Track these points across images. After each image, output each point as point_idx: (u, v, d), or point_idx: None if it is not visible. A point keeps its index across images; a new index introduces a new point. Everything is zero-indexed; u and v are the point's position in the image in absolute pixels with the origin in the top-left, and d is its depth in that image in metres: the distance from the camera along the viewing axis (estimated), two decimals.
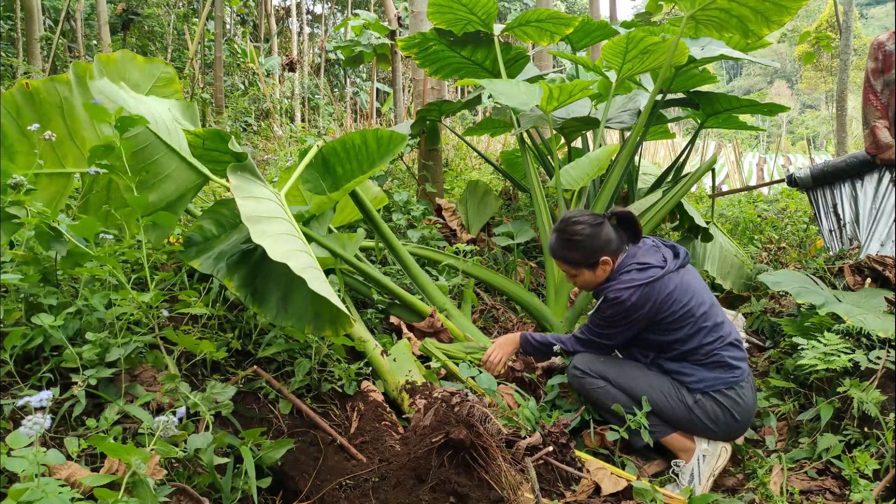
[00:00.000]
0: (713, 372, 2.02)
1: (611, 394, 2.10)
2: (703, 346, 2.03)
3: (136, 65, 2.23)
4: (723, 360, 2.02)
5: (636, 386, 2.08)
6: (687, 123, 11.57)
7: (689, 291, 2.03)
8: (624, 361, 2.18)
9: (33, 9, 7.63)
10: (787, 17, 2.93)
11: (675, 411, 2.03)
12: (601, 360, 2.16)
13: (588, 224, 2.11)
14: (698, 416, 2.01)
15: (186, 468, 1.43)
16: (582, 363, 2.16)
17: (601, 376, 2.12)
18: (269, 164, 4.99)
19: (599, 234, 2.09)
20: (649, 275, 2.02)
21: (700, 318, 2.02)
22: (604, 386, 2.11)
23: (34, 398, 1.04)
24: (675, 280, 2.03)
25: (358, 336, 2.30)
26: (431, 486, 1.53)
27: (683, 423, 2.04)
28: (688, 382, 2.03)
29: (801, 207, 4.94)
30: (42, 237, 1.55)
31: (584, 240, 2.09)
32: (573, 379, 2.19)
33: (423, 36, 3.42)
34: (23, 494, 0.98)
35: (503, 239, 3.41)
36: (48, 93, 2.07)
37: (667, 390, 2.05)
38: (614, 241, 2.12)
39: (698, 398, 2.02)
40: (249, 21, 13.42)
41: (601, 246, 2.09)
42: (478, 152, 4.39)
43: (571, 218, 2.14)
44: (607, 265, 2.11)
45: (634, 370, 2.12)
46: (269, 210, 1.58)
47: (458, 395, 1.80)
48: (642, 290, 2.00)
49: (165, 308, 1.72)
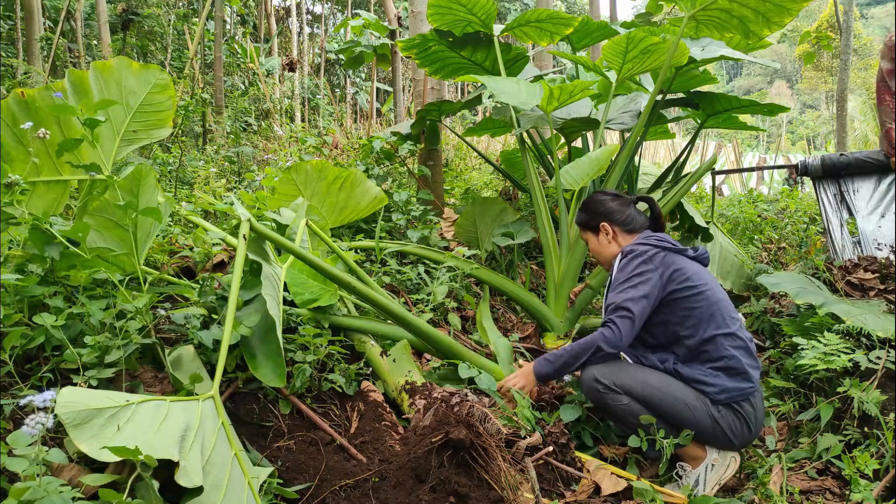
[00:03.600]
0: (733, 381, 1.97)
1: (634, 411, 2.00)
2: (715, 337, 1.99)
3: (131, 71, 2.25)
4: (739, 366, 1.97)
5: (661, 400, 1.98)
6: (687, 123, 11.57)
7: (702, 279, 2.09)
8: (647, 372, 2.06)
9: (33, 9, 7.62)
10: (788, 17, 2.93)
11: (700, 424, 1.97)
12: (625, 374, 2.04)
13: (605, 194, 2.35)
14: (721, 428, 1.97)
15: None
16: (605, 377, 2.03)
17: (625, 391, 2.00)
18: (269, 164, 4.98)
19: (609, 203, 2.30)
20: (664, 244, 2.14)
21: (712, 306, 2.03)
22: (628, 403, 2.00)
23: (37, 397, 1.05)
24: (687, 262, 2.12)
25: (358, 336, 2.30)
26: (431, 486, 1.53)
27: (704, 434, 1.99)
28: (710, 393, 1.97)
29: (801, 207, 4.94)
30: (36, 240, 1.56)
31: (593, 203, 2.33)
32: (594, 393, 2.05)
33: (422, 37, 3.42)
34: (24, 493, 0.98)
35: (503, 239, 3.41)
36: (44, 100, 2.09)
37: (692, 403, 1.98)
38: (625, 215, 2.27)
39: (721, 409, 1.97)
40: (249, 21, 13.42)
41: (603, 212, 2.29)
42: (478, 152, 4.39)
43: (599, 190, 2.42)
44: (608, 234, 2.28)
45: (658, 382, 2.02)
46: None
47: (458, 395, 1.80)
48: (657, 250, 2.11)
49: (163, 309, 1.73)
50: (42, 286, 1.58)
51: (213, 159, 4.73)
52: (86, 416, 1.16)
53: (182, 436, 1.27)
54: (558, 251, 2.99)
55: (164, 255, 2.27)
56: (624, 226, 2.27)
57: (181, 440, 1.25)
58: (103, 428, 1.17)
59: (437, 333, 2.30)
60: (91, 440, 1.13)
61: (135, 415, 1.25)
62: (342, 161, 4.79)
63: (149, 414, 1.27)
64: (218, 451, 1.35)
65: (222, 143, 5.59)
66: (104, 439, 1.15)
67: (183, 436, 1.27)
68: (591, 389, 2.05)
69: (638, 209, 2.32)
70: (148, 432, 1.22)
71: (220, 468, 1.32)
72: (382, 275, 2.82)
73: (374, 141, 3.80)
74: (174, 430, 1.27)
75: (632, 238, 2.26)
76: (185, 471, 1.21)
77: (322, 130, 7.77)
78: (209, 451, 1.32)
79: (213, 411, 1.41)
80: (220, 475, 1.30)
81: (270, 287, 1.81)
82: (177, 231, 2.53)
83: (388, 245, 3.05)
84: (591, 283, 2.93)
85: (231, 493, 1.30)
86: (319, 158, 3.77)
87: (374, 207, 3.13)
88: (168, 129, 2.32)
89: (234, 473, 1.35)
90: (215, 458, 1.33)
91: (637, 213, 2.30)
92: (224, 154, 4.90)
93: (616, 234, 2.27)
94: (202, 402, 1.40)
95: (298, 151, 4.71)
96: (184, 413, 1.33)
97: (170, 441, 1.23)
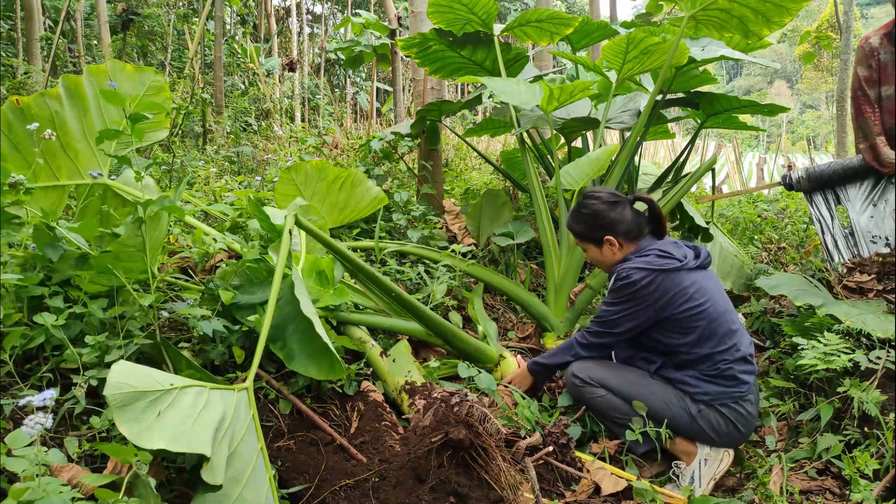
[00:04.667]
0: (719, 386, 1.97)
1: (612, 403, 2.05)
2: (713, 354, 1.97)
3: (126, 75, 2.25)
4: (733, 374, 1.97)
5: (638, 395, 2.02)
6: (687, 123, 11.57)
7: (704, 293, 2.00)
8: (625, 369, 2.12)
9: (33, 9, 7.62)
10: (788, 17, 2.93)
11: (678, 420, 2.00)
12: (601, 368, 2.11)
13: (601, 201, 2.16)
14: (701, 426, 1.98)
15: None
16: (581, 371, 2.11)
17: (602, 385, 2.07)
18: (269, 163, 4.99)
19: (609, 213, 2.13)
20: (666, 263, 2.00)
21: (713, 323, 1.97)
22: (604, 395, 2.06)
23: (37, 397, 1.05)
24: (691, 277, 2.01)
25: (357, 336, 2.30)
26: (431, 486, 1.53)
27: (686, 430, 2.01)
28: (692, 393, 1.99)
29: (801, 207, 4.94)
30: (40, 240, 1.56)
31: (591, 215, 2.15)
32: (572, 388, 2.14)
33: (422, 36, 3.41)
34: (23, 494, 0.98)
35: (503, 239, 3.41)
36: (39, 107, 2.09)
37: (669, 399, 2.01)
38: (627, 223, 2.13)
39: (702, 409, 1.98)
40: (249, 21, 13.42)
41: (605, 224, 2.13)
42: (478, 152, 4.39)
43: (590, 192, 2.21)
44: (612, 246, 2.14)
45: (637, 378, 2.07)
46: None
47: (458, 395, 1.80)
48: (655, 276, 1.98)
49: (165, 310, 1.73)
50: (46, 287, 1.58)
51: (213, 159, 4.73)
52: (131, 399, 1.16)
53: (216, 428, 1.27)
54: (558, 251, 2.99)
55: (164, 255, 2.27)
56: (627, 235, 2.14)
57: (215, 433, 1.26)
58: (144, 412, 1.17)
59: (438, 318, 2.34)
60: (131, 423, 1.13)
61: (176, 401, 1.24)
62: (342, 161, 4.79)
63: (189, 401, 1.27)
64: (245, 443, 1.36)
65: (222, 143, 5.59)
66: (144, 424, 1.15)
67: (217, 428, 1.28)
68: (570, 385, 2.15)
69: (636, 209, 2.20)
70: (187, 421, 1.22)
71: (245, 461, 1.32)
72: (382, 275, 2.81)
73: (373, 140, 3.80)
74: (210, 422, 1.27)
75: (635, 245, 2.15)
76: (211, 467, 1.22)
77: (322, 130, 7.77)
78: (237, 442, 1.33)
79: (246, 403, 1.42)
80: (242, 468, 1.31)
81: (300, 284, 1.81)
82: (177, 231, 2.53)
83: (387, 245, 3.05)
84: (591, 283, 2.93)
85: (250, 487, 1.30)
86: (319, 158, 3.77)
87: (374, 207, 3.13)
88: (165, 130, 2.33)
89: (258, 468, 1.35)
90: (242, 449, 1.34)
91: (636, 215, 2.17)
92: (224, 154, 4.90)
93: (621, 245, 2.15)
94: (237, 392, 1.41)
95: (298, 151, 4.71)
96: (222, 402, 1.34)
97: (205, 435, 1.23)
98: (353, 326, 2.35)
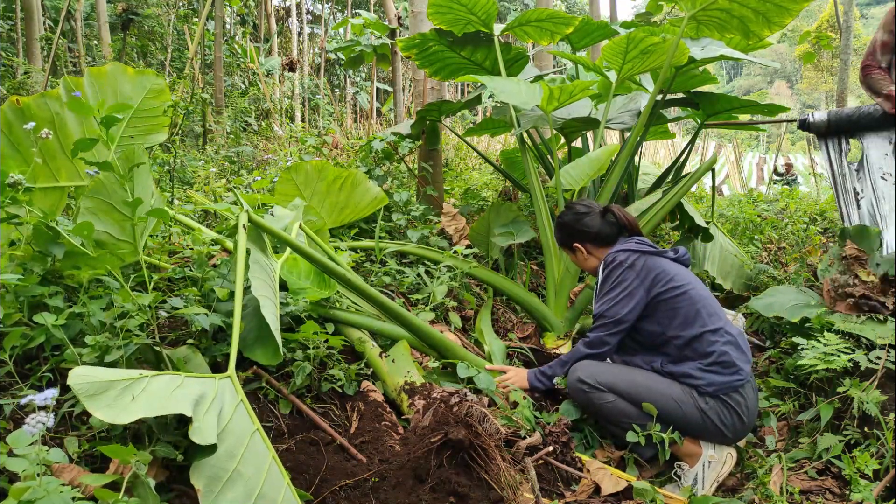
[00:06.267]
0: (721, 376, 1.99)
1: (620, 408, 2.02)
2: (704, 334, 2.01)
3: (127, 77, 2.25)
4: (730, 360, 2.00)
5: (648, 397, 2.01)
6: (687, 123, 11.57)
7: (685, 278, 2.13)
8: (632, 370, 2.11)
9: (33, 9, 7.63)
10: (789, 18, 2.93)
11: (688, 418, 1.99)
12: (608, 371, 2.08)
13: (572, 212, 2.36)
14: (710, 420, 1.98)
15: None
16: (588, 376, 2.06)
17: (611, 389, 2.03)
18: (269, 164, 4.99)
19: (576, 224, 2.33)
20: (643, 248, 2.18)
21: (697, 304, 2.06)
22: (613, 401, 2.03)
23: (38, 396, 1.05)
24: (669, 264, 2.16)
25: (357, 336, 2.30)
26: (431, 486, 1.53)
27: (695, 428, 2.01)
28: (697, 385, 2.00)
29: (801, 207, 4.94)
30: (40, 239, 1.56)
31: (561, 225, 2.39)
32: (579, 394, 2.08)
33: (422, 36, 3.41)
34: (24, 493, 0.98)
35: (503, 239, 3.41)
36: (39, 108, 2.09)
37: (678, 396, 2.00)
38: (595, 232, 2.29)
39: (709, 401, 1.99)
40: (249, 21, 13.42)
41: (574, 233, 2.34)
42: (478, 152, 4.39)
43: (567, 203, 2.46)
44: (582, 252, 2.34)
45: (644, 380, 2.05)
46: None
47: (457, 395, 1.80)
48: (638, 256, 2.14)
49: (163, 310, 1.73)
50: (42, 286, 1.58)
51: (213, 159, 4.73)
52: (99, 388, 1.16)
53: (197, 400, 1.28)
54: (558, 251, 2.99)
55: (164, 255, 2.27)
56: (595, 241, 2.30)
57: (195, 404, 1.27)
58: (118, 398, 1.17)
59: (431, 330, 2.30)
60: (106, 409, 1.13)
61: (149, 386, 1.25)
62: (342, 161, 4.79)
63: (163, 385, 1.28)
64: (237, 422, 1.36)
65: (222, 143, 5.59)
66: (119, 408, 1.15)
67: (198, 401, 1.28)
68: (576, 391, 2.10)
69: (608, 220, 2.30)
70: (162, 398, 1.23)
71: (239, 439, 1.32)
72: (383, 275, 2.82)
73: (374, 141, 3.80)
74: (189, 396, 1.27)
75: (608, 249, 2.27)
76: (198, 429, 1.22)
77: (322, 130, 7.77)
78: (226, 420, 1.33)
79: (231, 388, 1.42)
80: (236, 445, 1.31)
81: (260, 271, 1.81)
82: (176, 231, 2.53)
83: (387, 245, 3.05)
84: (591, 283, 2.93)
85: (248, 463, 1.30)
86: (319, 158, 3.77)
87: (374, 207, 3.13)
88: (164, 133, 2.33)
89: (255, 447, 1.35)
90: (234, 427, 1.34)
91: (607, 224, 2.30)
92: (224, 154, 4.90)
93: (590, 250, 2.32)
94: (219, 380, 1.41)
95: (298, 151, 4.71)
96: (200, 386, 1.34)
97: (184, 403, 1.23)
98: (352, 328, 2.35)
